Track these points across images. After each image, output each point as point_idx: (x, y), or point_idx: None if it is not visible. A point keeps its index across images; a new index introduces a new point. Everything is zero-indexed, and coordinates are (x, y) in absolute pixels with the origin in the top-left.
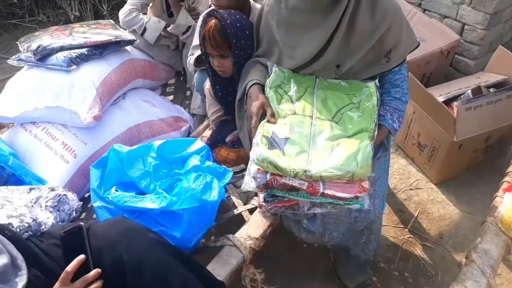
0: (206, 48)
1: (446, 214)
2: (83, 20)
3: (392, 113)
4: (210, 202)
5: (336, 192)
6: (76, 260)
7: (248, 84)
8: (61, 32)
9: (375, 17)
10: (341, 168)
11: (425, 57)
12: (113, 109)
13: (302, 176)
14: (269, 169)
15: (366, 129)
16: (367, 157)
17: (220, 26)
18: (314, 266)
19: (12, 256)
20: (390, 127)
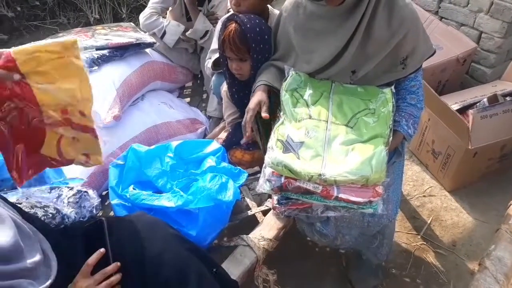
0: (226, 51)
1: (460, 222)
2: (103, 22)
3: (407, 119)
4: (225, 202)
5: (350, 196)
6: (96, 253)
7: (256, 84)
8: (84, 34)
9: (392, 24)
10: (356, 173)
11: (441, 65)
12: (132, 109)
13: (317, 180)
14: (283, 172)
15: (381, 134)
16: (382, 162)
17: (240, 30)
18: (326, 270)
19: (45, 256)
20: (405, 133)
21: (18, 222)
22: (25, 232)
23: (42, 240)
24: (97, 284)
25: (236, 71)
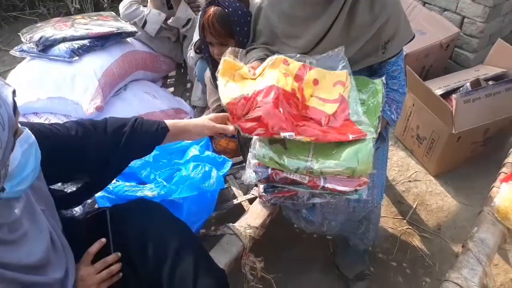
0: (206, 36)
1: (444, 206)
2: (83, 12)
3: (390, 104)
4: (209, 191)
5: (336, 186)
6: (97, 242)
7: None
8: (63, 24)
9: (374, 8)
10: (342, 164)
11: (425, 50)
12: (114, 100)
13: (303, 172)
14: (270, 164)
15: (370, 125)
16: (368, 155)
17: (220, 14)
18: (313, 256)
19: (66, 274)
20: (388, 118)
21: (54, 236)
22: (56, 247)
23: (69, 257)
24: (97, 273)
25: (217, 56)
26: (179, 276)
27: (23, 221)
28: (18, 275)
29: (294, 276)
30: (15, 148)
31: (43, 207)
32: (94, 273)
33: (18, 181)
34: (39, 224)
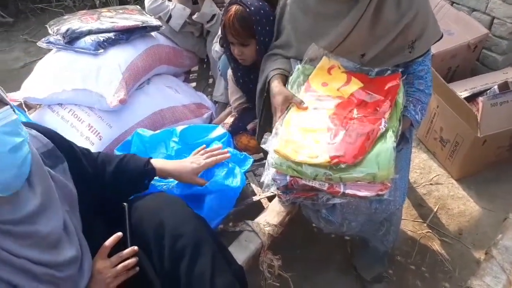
0: (227, 36)
1: (466, 211)
2: (108, 6)
3: (415, 104)
4: (233, 189)
5: (357, 191)
6: (114, 236)
7: (269, 75)
8: (90, 16)
9: (401, 6)
10: (362, 170)
11: (451, 51)
12: (138, 93)
13: (322, 178)
14: (288, 172)
15: (390, 126)
16: (389, 159)
17: (241, 14)
18: (331, 256)
19: (80, 273)
20: (413, 118)
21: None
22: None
23: (86, 259)
24: (113, 266)
25: (238, 56)
26: (197, 271)
27: (36, 217)
28: (28, 263)
29: (311, 276)
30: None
31: (66, 208)
32: (110, 267)
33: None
34: (56, 222)
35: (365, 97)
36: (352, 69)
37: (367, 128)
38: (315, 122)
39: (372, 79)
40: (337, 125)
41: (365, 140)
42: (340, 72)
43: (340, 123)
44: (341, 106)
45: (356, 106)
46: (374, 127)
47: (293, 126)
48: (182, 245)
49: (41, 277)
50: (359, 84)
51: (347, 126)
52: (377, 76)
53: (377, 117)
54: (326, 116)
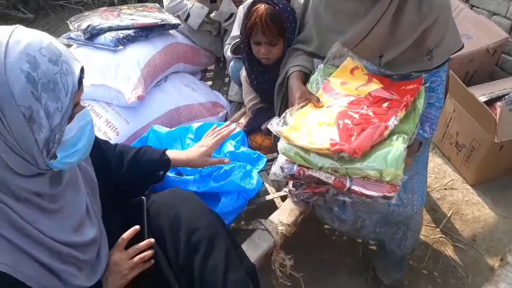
0: (256, 35)
1: (481, 216)
2: (127, 3)
3: (423, 123)
4: (248, 190)
5: (362, 189)
6: (132, 229)
7: (289, 70)
8: (110, 13)
9: (422, 9)
10: (369, 166)
11: (470, 55)
12: (155, 91)
13: (329, 170)
14: (296, 160)
15: (405, 131)
16: (398, 159)
17: (272, 12)
18: (342, 258)
19: (98, 257)
20: (421, 137)
21: (93, 218)
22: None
23: (103, 241)
24: (130, 258)
25: (264, 55)
26: (210, 266)
27: (67, 195)
28: (52, 242)
29: (322, 277)
30: (73, 121)
31: (88, 191)
32: (127, 259)
33: (70, 153)
34: (81, 201)
35: (381, 96)
36: (375, 72)
37: (374, 124)
38: (324, 116)
39: (393, 83)
40: (343, 118)
41: (369, 135)
42: (362, 74)
43: (348, 117)
44: (354, 103)
45: (369, 103)
46: (382, 123)
47: (303, 118)
48: (197, 238)
49: (65, 257)
50: (379, 85)
51: (354, 120)
52: (400, 80)
53: (388, 115)
54: (336, 111)
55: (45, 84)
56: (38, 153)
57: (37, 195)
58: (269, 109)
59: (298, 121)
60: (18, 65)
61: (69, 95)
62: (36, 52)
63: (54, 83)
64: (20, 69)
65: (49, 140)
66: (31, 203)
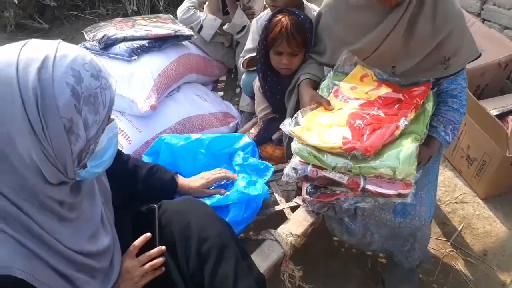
0: (279, 46)
1: (492, 231)
2: (140, 14)
3: (446, 125)
4: (253, 197)
5: (377, 188)
6: (143, 236)
7: (300, 78)
8: (125, 24)
9: (436, 21)
10: (382, 164)
11: (481, 68)
12: (167, 100)
13: (342, 169)
14: (309, 159)
15: (416, 131)
16: (410, 156)
17: (296, 22)
18: (351, 271)
19: (110, 266)
20: (442, 140)
21: (107, 227)
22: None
23: (116, 249)
24: (141, 265)
25: (285, 66)
26: (220, 275)
27: (83, 204)
28: (67, 250)
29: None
30: (104, 132)
31: (102, 199)
32: (138, 266)
33: (98, 163)
34: (96, 211)
35: (391, 97)
36: (385, 79)
37: (385, 123)
38: (336, 118)
39: (402, 89)
40: (355, 119)
41: (381, 134)
42: (372, 80)
43: (359, 117)
44: (365, 105)
45: (380, 106)
46: (393, 124)
47: (314, 119)
48: (208, 247)
49: (80, 266)
50: (388, 90)
51: (365, 121)
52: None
53: (398, 116)
54: (347, 113)
55: (87, 98)
56: (70, 162)
57: (59, 203)
58: (281, 119)
59: (309, 122)
60: (64, 78)
61: (106, 108)
62: (80, 67)
63: (94, 97)
64: (66, 83)
65: (83, 151)
66: (52, 211)
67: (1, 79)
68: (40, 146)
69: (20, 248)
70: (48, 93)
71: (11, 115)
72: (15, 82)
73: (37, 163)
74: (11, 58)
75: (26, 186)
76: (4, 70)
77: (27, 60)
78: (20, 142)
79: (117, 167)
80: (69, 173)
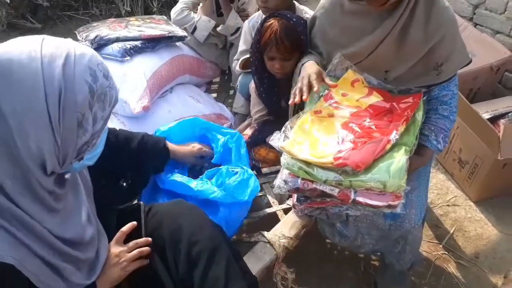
0: (270, 51)
1: (484, 234)
2: (134, 15)
3: (437, 133)
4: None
5: (367, 199)
6: (129, 224)
7: (304, 60)
8: (118, 24)
9: (428, 27)
10: (372, 178)
11: (473, 72)
12: (160, 101)
13: (332, 183)
14: (299, 174)
15: (405, 143)
16: (400, 169)
17: (287, 27)
18: (344, 273)
19: (96, 256)
20: (435, 148)
21: (91, 217)
22: (92, 227)
23: (102, 239)
24: (129, 252)
25: (278, 70)
26: (211, 278)
27: (68, 196)
28: (55, 241)
29: None
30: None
31: (84, 192)
32: (127, 251)
33: (91, 156)
34: (80, 202)
35: (381, 106)
36: (375, 85)
37: (376, 138)
38: (327, 129)
39: (393, 97)
40: (346, 132)
41: (372, 149)
42: (362, 86)
43: (350, 130)
44: (356, 115)
45: (370, 116)
46: (384, 137)
47: (305, 130)
48: (198, 250)
49: (66, 256)
50: (379, 98)
51: (356, 134)
52: (400, 94)
53: (389, 129)
54: (339, 124)
55: (99, 96)
56: (71, 154)
57: (49, 193)
58: (276, 122)
59: (299, 135)
60: (83, 76)
61: (111, 106)
62: (95, 66)
63: (104, 95)
64: (85, 81)
65: (85, 144)
66: (43, 202)
67: (26, 72)
68: (53, 138)
69: (8, 237)
70: (70, 88)
71: (31, 107)
72: (40, 76)
73: (44, 154)
74: (34, 52)
75: (25, 176)
76: (29, 64)
77: (51, 56)
78: (33, 133)
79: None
80: (66, 165)
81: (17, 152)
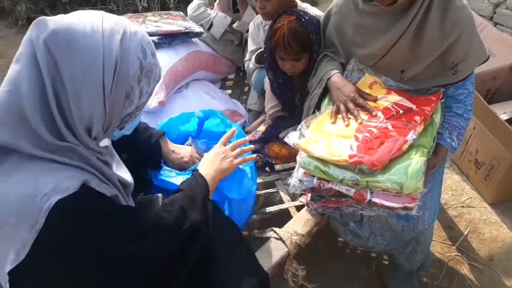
0: (279, 52)
1: (499, 236)
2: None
3: (451, 131)
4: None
5: (384, 201)
6: (231, 130)
7: (331, 72)
8: (135, 20)
9: (444, 26)
10: (389, 178)
11: (493, 72)
12: (176, 97)
13: (349, 183)
14: (315, 173)
15: (423, 145)
16: (418, 171)
17: (296, 28)
18: (355, 271)
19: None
20: (449, 146)
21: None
22: None
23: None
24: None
25: (289, 70)
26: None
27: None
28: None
29: None
30: None
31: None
32: (230, 150)
33: (130, 126)
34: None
35: (401, 105)
36: (393, 87)
37: (393, 137)
38: (344, 129)
39: (411, 97)
40: (363, 131)
41: (388, 148)
42: (381, 88)
43: (366, 129)
44: (373, 116)
45: (388, 117)
46: (401, 137)
47: (321, 130)
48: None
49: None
50: (397, 98)
51: (373, 134)
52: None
53: (406, 128)
54: (355, 124)
55: (147, 71)
56: (115, 123)
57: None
58: (289, 118)
59: (315, 133)
60: (136, 52)
61: (155, 82)
62: (146, 45)
63: (151, 72)
64: (137, 56)
65: (129, 115)
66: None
67: (89, 43)
68: (103, 106)
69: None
70: (124, 62)
71: (89, 75)
72: (100, 48)
73: (93, 120)
74: (96, 26)
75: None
76: (92, 36)
77: (111, 30)
78: (86, 100)
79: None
80: (108, 132)
81: (70, 114)
